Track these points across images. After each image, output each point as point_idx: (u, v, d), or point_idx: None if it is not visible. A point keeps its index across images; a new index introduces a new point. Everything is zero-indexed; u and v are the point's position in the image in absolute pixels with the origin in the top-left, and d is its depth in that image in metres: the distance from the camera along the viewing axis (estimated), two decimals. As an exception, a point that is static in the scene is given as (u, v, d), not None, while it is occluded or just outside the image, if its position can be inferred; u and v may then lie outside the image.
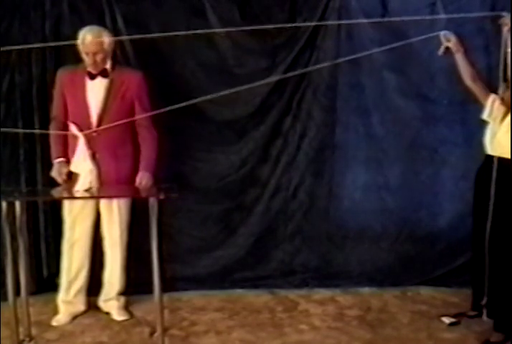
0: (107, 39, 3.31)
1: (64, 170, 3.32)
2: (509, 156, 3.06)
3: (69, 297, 3.55)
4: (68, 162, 3.35)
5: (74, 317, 3.54)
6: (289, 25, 3.78)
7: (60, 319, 3.50)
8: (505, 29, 3.03)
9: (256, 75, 3.97)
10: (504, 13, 3.06)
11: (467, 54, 3.24)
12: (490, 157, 3.20)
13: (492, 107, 3.19)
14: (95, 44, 3.26)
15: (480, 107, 3.29)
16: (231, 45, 3.91)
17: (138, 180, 3.38)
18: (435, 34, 3.29)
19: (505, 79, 3.10)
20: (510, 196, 3.07)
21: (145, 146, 3.46)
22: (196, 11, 3.87)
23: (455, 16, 3.71)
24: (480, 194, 3.31)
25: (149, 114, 3.32)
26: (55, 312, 3.56)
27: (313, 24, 3.84)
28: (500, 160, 3.12)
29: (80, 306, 3.58)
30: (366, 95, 4.04)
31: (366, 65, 4.00)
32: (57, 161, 3.37)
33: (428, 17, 3.80)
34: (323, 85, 4.00)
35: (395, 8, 3.90)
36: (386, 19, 3.84)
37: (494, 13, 3.14)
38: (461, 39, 3.25)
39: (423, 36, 3.35)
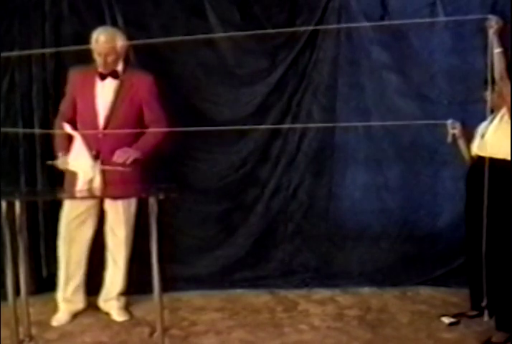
0: (120, 41, 3.31)
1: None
2: (499, 156, 3.10)
3: (67, 295, 3.54)
4: None
5: (74, 316, 3.54)
6: (288, 30, 3.80)
7: (60, 318, 3.50)
8: (491, 32, 3.04)
9: (256, 75, 3.99)
10: (490, 16, 3.07)
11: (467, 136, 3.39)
12: (480, 158, 3.22)
13: None
14: (107, 45, 3.26)
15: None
16: (231, 45, 3.92)
17: (119, 152, 3.28)
18: (443, 121, 3.41)
19: (493, 81, 3.13)
20: (501, 195, 3.08)
21: (149, 132, 3.41)
22: (196, 11, 3.88)
23: (446, 19, 3.75)
24: (471, 195, 3.34)
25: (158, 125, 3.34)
26: (55, 311, 3.56)
27: (311, 28, 3.85)
28: (491, 160, 3.13)
29: (79, 304, 3.58)
30: (366, 95, 4.05)
31: (366, 65, 4.01)
32: (61, 154, 3.30)
33: (422, 20, 3.81)
34: (322, 85, 4.01)
35: (395, 8, 3.90)
36: (384, 23, 3.86)
37: (479, 16, 3.16)
38: (464, 126, 3.40)
39: (429, 121, 3.57)
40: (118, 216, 3.49)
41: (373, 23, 3.87)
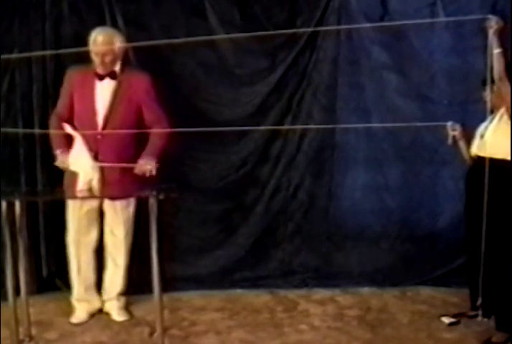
0: (118, 41, 3.31)
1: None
2: (498, 156, 3.10)
3: (80, 295, 3.54)
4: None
5: (92, 315, 3.54)
6: (289, 31, 3.81)
7: (79, 316, 3.50)
8: (491, 32, 3.04)
9: (256, 75, 3.99)
10: (489, 16, 3.07)
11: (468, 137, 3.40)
12: (480, 158, 3.22)
13: None
14: (105, 46, 3.26)
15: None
16: (231, 45, 3.92)
17: (140, 162, 3.28)
18: (442, 123, 3.41)
19: (492, 81, 3.13)
20: (501, 195, 3.08)
21: (152, 137, 3.39)
22: (196, 11, 3.88)
23: (446, 19, 3.74)
24: (470, 195, 3.34)
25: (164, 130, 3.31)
26: (55, 312, 3.58)
27: (311, 29, 3.85)
28: (491, 160, 3.13)
29: (95, 303, 3.58)
30: (366, 95, 4.04)
31: (366, 65, 4.01)
32: (59, 152, 3.29)
33: (422, 20, 3.81)
34: (322, 85, 4.01)
35: (395, 8, 3.90)
36: (384, 23, 3.86)
37: (480, 16, 3.16)
38: (464, 128, 3.41)
39: (430, 123, 3.56)
40: (117, 216, 3.48)
41: (373, 23, 3.87)
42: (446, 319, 3.49)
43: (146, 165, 3.29)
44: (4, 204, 2.75)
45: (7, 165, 3.78)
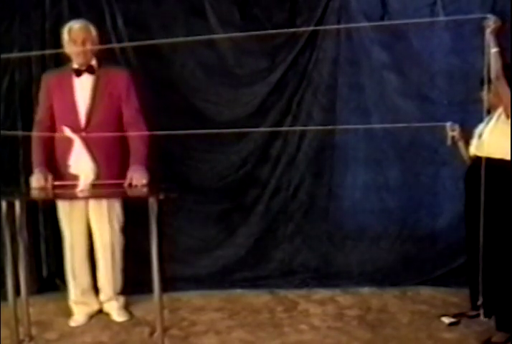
0: (93, 30, 3.29)
1: (49, 177, 3.19)
2: (496, 156, 3.09)
3: (78, 297, 3.53)
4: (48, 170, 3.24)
5: (91, 317, 3.52)
6: (289, 30, 3.80)
7: (77, 319, 3.48)
8: (488, 31, 3.03)
9: (256, 75, 3.99)
10: (488, 15, 3.06)
11: (466, 138, 3.40)
12: (478, 158, 3.23)
13: None
14: (83, 31, 3.25)
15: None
16: (231, 45, 3.92)
17: (133, 175, 3.18)
18: (441, 124, 3.40)
19: (489, 81, 3.13)
20: (499, 195, 3.08)
21: (135, 142, 3.32)
22: (196, 11, 3.89)
23: (446, 19, 3.74)
24: (470, 195, 3.34)
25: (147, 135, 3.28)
26: (55, 312, 3.57)
27: (311, 28, 3.86)
28: (489, 160, 3.13)
29: (93, 306, 3.56)
30: (366, 95, 4.05)
31: (366, 65, 4.01)
32: (37, 170, 3.23)
33: (422, 20, 3.81)
34: (322, 85, 4.01)
35: (395, 8, 3.91)
36: (384, 23, 3.86)
37: (479, 16, 3.15)
38: (463, 128, 3.40)
39: (428, 124, 3.51)
40: (102, 217, 3.45)
41: (373, 23, 3.87)
42: (446, 319, 3.49)
43: (141, 180, 3.17)
44: (4, 204, 2.75)
45: (7, 165, 3.78)
